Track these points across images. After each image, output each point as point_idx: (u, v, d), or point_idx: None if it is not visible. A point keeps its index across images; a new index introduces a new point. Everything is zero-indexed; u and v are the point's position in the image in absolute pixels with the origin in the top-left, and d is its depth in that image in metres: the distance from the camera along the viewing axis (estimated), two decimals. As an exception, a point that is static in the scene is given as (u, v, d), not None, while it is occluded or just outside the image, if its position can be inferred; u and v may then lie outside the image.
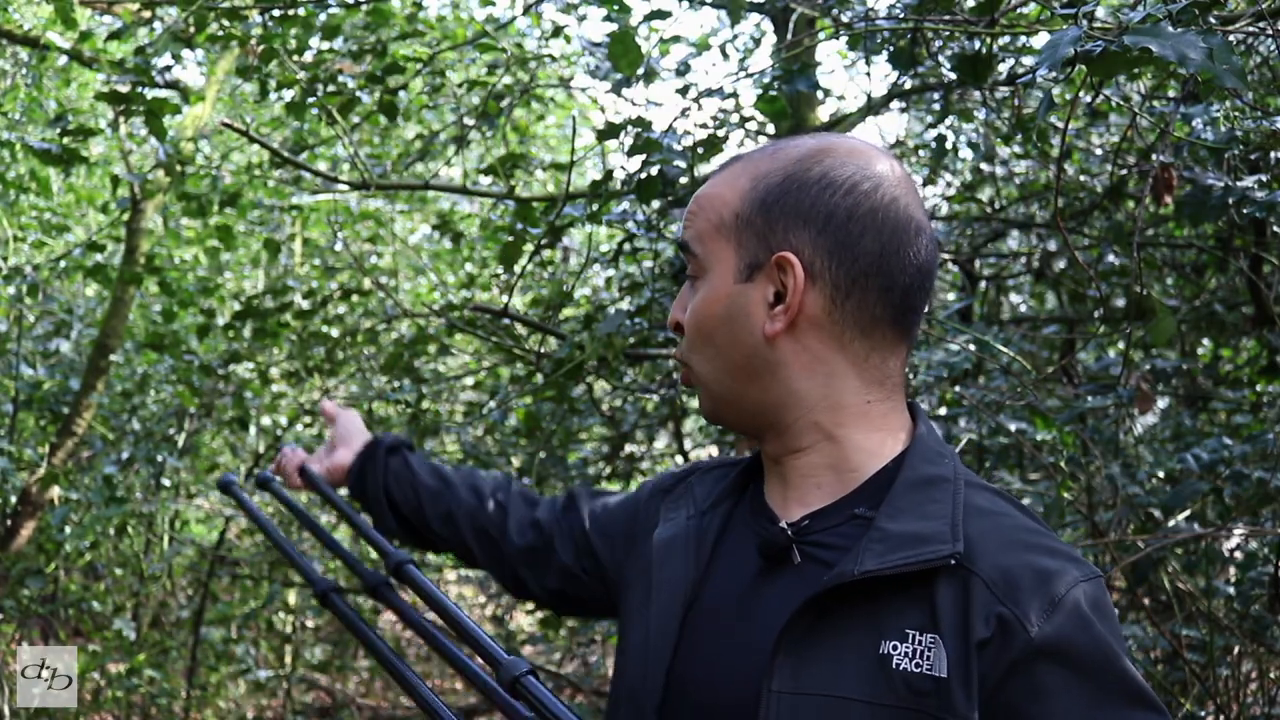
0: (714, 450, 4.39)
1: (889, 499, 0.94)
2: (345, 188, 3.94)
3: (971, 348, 2.43)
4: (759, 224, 0.97)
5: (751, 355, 0.99)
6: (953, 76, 2.76)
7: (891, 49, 2.70)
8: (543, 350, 2.79)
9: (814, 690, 0.89)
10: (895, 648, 0.87)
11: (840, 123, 3.37)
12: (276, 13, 3.04)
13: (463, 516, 1.37)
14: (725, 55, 4.44)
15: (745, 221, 0.98)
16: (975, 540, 0.90)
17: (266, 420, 5.42)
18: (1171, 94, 2.40)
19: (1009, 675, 0.85)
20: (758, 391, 1.00)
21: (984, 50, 2.28)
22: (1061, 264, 3.50)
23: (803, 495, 1.01)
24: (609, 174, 2.71)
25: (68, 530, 4.54)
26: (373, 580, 1.21)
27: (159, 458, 4.66)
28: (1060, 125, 2.74)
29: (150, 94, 3.04)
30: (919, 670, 0.86)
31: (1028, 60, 2.61)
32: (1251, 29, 1.69)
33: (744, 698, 0.93)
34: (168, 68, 3.33)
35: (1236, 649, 2.60)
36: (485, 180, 3.35)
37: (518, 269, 3.00)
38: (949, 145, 3.58)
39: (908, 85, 3.20)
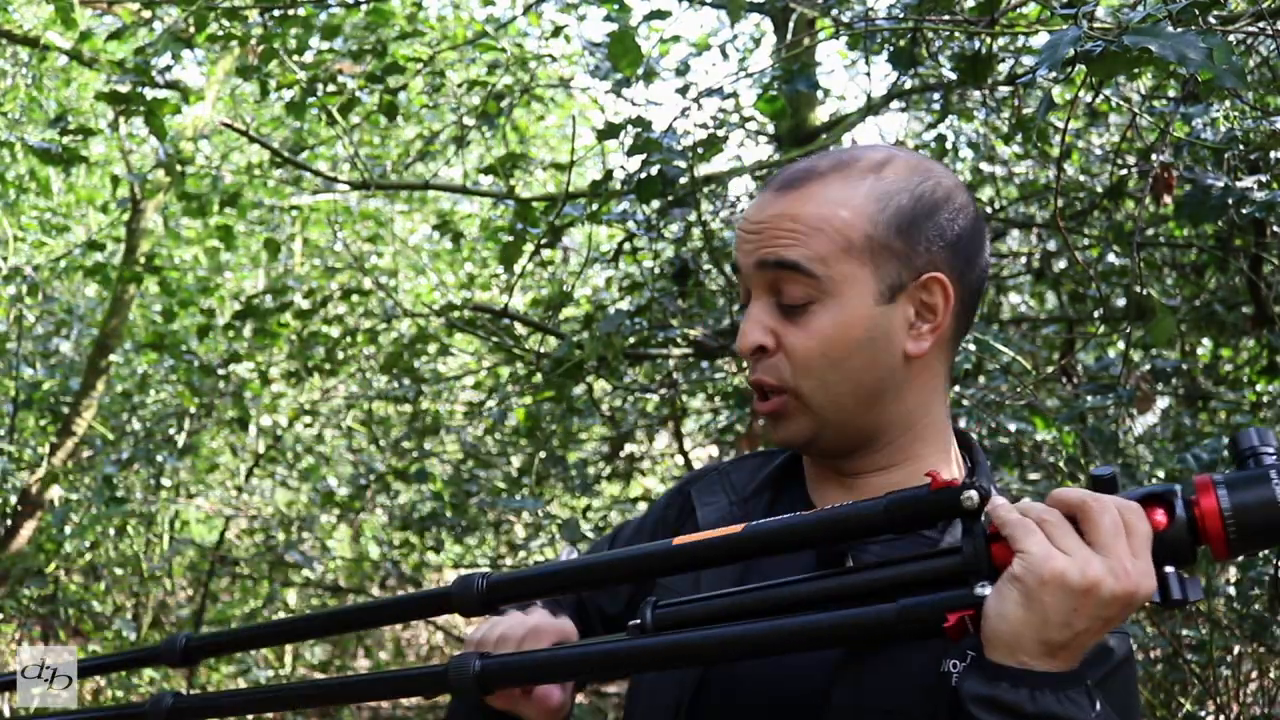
0: (714, 450, 4.39)
1: (953, 526, 0.96)
2: (345, 188, 3.94)
3: (971, 348, 2.43)
4: (898, 246, 0.97)
5: (885, 376, 0.99)
6: (953, 76, 2.76)
7: (891, 49, 2.71)
8: (543, 350, 2.79)
9: (875, 704, 0.90)
10: (955, 665, 0.89)
11: (840, 123, 3.37)
12: (276, 13, 3.04)
13: None
14: (725, 55, 4.44)
15: (881, 244, 0.97)
16: None
17: (266, 420, 5.42)
18: (1171, 94, 2.40)
19: None
20: (875, 414, 1.00)
21: (984, 50, 2.28)
22: (1061, 264, 3.49)
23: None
24: (609, 174, 2.71)
25: (68, 530, 4.54)
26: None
27: (159, 458, 4.66)
28: (1060, 125, 2.74)
29: (150, 94, 3.04)
30: None
31: (1028, 60, 2.60)
32: (1251, 29, 1.69)
33: (800, 702, 0.93)
34: (168, 68, 3.33)
35: (1236, 649, 2.60)
36: (485, 180, 3.35)
37: (518, 269, 3.00)
38: (949, 145, 3.58)
39: (908, 85, 3.20)
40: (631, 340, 2.74)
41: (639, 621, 0.90)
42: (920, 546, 0.96)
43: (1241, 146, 2.08)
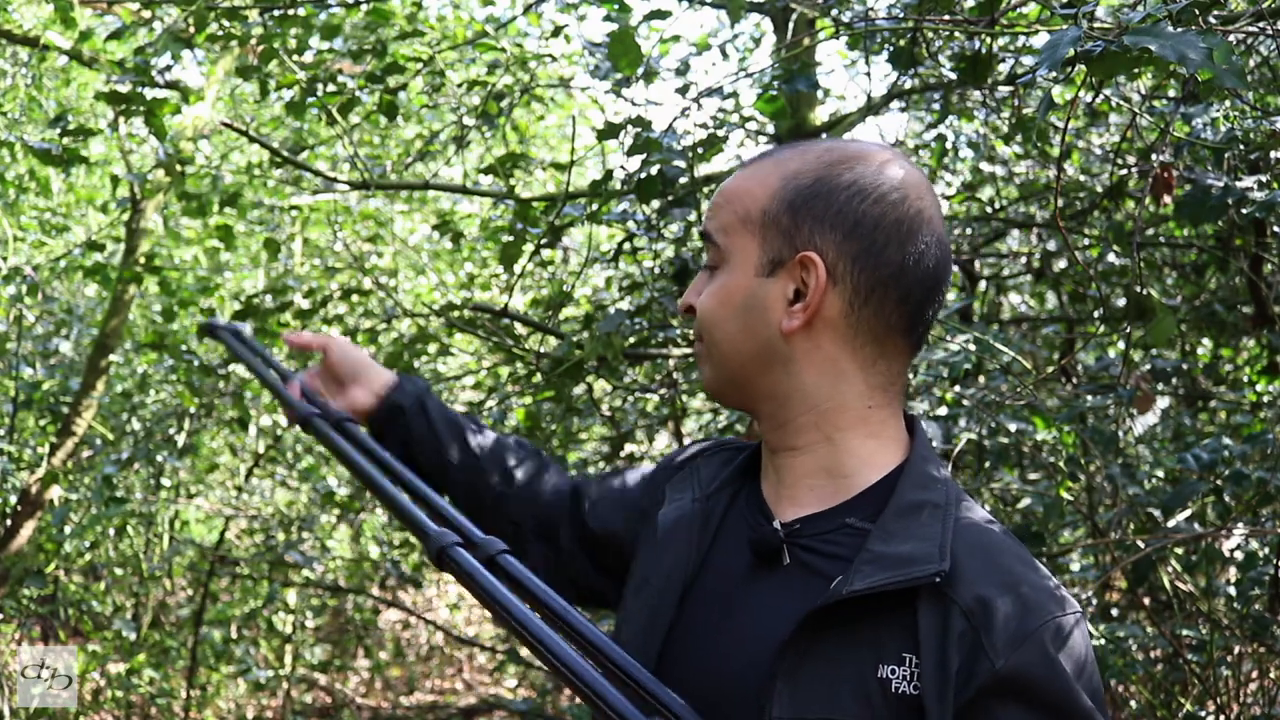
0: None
1: (881, 522, 0.95)
2: (345, 188, 3.94)
3: (971, 348, 2.43)
4: (785, 222, 1.00)
5: (765, 347, 1.01)
6: (953, 76, 2.76)
7: (891, 49, 2.70)
8: (543, 350, 2.79)
9: (813, 715, 0.90)
10: (894, 671, 0.89)
11: (840, 123, 3.37)
12: (276, 13, 3.04)
13: (487, 502, 1.31)
14: (725, 55, 4.45)
15: (772, 219, 1.01)
16: (961, 567, 0.91)
17: (266, 420, 5.42)
18: (1171, 94, 2.40)
19: (970, 705, 0.87)
20: (768, 383, 1.02)
21: (984, 50, 2.28)
22: (1061, 264, 3.50)
23: (796, 495, 1.03)
24: (609, 174, 2.71)
25: (68, 530, 4.54)
26: (303, 411, 1.28)
27: (159, 458, 4.66)
28: (1060, 125, 2.74)
29: (150, 94, 3.04)
30: (916, 693, 0.88)
31: (1028, 60, 2.60)
32: (1251, 29, 1.68)
33: (735, 708, 0.93)
34: (168, 68, 3.32)
35: (1236, 649, 2.60)
36: (485, 180, 3.35)
37: (518, 269, 3.00)
38: (949, 145, 3.58)
39: (908, 85, 3.20)
40: (631, 340, 2.74)
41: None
42: (855, 541, 0.96)
43: (1241, 146, 2.08)
